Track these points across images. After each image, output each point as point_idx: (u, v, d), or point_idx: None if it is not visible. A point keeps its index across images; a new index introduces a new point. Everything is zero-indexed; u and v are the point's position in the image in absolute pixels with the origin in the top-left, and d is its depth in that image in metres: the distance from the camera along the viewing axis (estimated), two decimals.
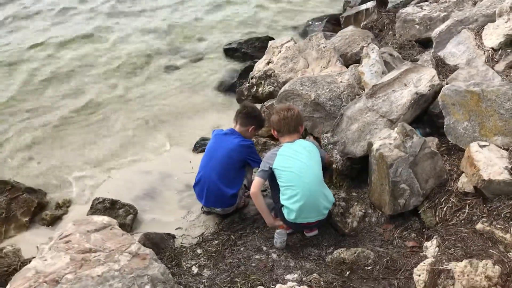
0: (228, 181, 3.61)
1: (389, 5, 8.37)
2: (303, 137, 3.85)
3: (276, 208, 3.40)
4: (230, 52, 7.39)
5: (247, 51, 7.28)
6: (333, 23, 8.21)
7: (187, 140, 5.27)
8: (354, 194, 3.69)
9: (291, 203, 3.17)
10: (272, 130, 3.44)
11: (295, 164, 3.17)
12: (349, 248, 3.14)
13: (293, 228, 3.39)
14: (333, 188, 3.80)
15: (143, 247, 2.75)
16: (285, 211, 3.24)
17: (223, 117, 5.77)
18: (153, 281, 2.58)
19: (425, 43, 5.68)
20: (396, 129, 3.23)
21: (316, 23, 8.58)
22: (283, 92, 4.30)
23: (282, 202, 3.23)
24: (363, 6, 7.71)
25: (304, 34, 8.03)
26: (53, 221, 4.00)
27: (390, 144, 3.19)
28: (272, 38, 7.56)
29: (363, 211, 3.50)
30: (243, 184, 3.73)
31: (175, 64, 7.17)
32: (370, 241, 3.31)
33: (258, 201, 3.28)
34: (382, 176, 3.25)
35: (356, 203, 3.56)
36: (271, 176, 3.28)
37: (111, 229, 2.83)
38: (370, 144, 3.38)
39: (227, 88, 6.36)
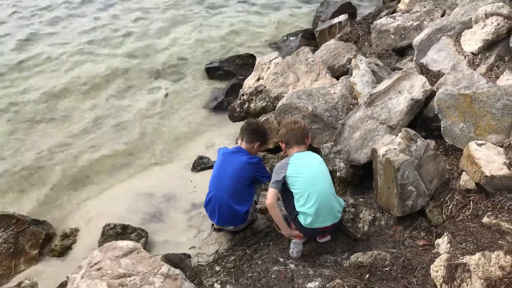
0: (240, 199, 3.65)
1: (358, 17, 8.71)
2: None
3: (291, 217, 3.47)
4: (212, 71, 7.49)
5: (229, 69, 7.41)
6: (308, 38, 8.44)
7: (184, 160, 5.30)
8: (361, 199, 3.81)
9: (307, 208, 3.26)
10: (280, 142, 3.55)
11: (308, 170, 3.29)
12: (366, 252, 3.23)
13: (309, 234, 3.47)
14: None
15: (172, 268, 2.79)
16: (301, 218, 3.32)
17: (216, 135, 5.86)
18: None
19: (401, 52, 5.94)
20: (400, 134, 3.38)
21: (291, 38, 8.81)
22: (281, 106, 4.41)
23: (297, 209, 3.31)
24: (336, 20, 7.98)
25: (279, 49, 8.24)
26: (63, 252, 3.95)
27: (395, 149, 3.34)
28: (253, 56, 7.73)
29: (372, 215, 3.61)
30: (254, 201, 3.78)
31: (159, 86, 7.21)
32: (382, 244, 3.42)
33: (275, 212, 3.36)
34: (389, 180, 3.39)
35: (364, 208, 3.67)
36: (282, 186, 3.36)
37: (138, 252, 2.85)
38: (374, 151, 3.52)
39: (215, 106, 6.45)
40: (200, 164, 5.12)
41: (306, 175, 3.27)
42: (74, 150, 5.54)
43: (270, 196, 3.32)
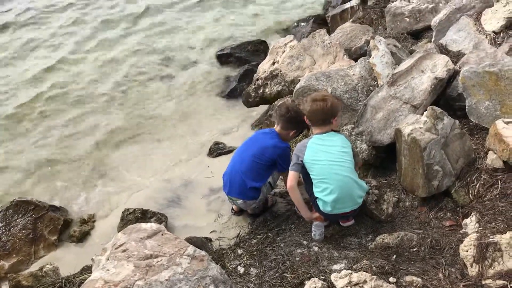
0: (254, 176, 3.63)
1: (370, 2, 8.59)
2: None
3: (311, 201, 3.42)
4: (224, 58, 7.43)
5: (240, 55, 7.34)
6: (319, 23, 8.33)
7: (199, 146, 5.31)
8: (384, 181, 3.75)
9: (324, 196, 3.19)
10: (305, 117, 3.45)
11: (325, 156, 3.20)
12: (392, 233, 3.18)
13: (329, 218, 3.41)
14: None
15: (198, 249, 2.73)
16: (320, 203, 3.26)
17: (230, 121, 5.86)
18: (214, 282, 2.56)
19: (417, 35, 5.83)
20: (426, 112, 3.31)
21: (303, 24, 8.70)
22: (300, 89, 4.35)
23: (316, 194, 3.25)
24: (347, 5, 7.86)
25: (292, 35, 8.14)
26: (82, 237, 3.95)
27: (421, 128, 3.27)
28: (264, 42, 7.65)
29: (396, 196, 3.55)
30: (268, 182, 3.73)
31: (170, 74, 7.18)
32: (408, 225, 3.36)
33: (295, 195, 3.30)
34: (414, 160, 3.32)
35: (388, 189, 3.60)
36: (303, 169, 3.30)
37: (162, 234, 2.80)
38: (398, 131, 3.45)
39: (228, 92, 6.42)
40: (217, 150, 5.10)
41: (324, 161, 3.19)
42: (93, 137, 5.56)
43: (290, 178, 3.26)
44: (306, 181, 3.42)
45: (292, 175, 3.28)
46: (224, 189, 3.80)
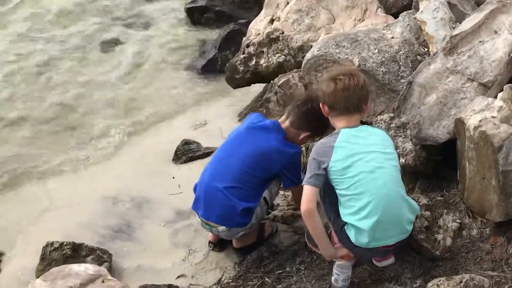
0: (243, 191, 3.59)
1: None
2: None
3: (334, 228, 3.39)
4: (197, 13, 7.41)
5: (223, 9, 7.33)
6: None
7: (161, 146, 5.30)
8: (439, 198, 3.74)
9: (359, 220, 3.15)
10: (321, 104, 3.39)
11: (363, 160, 3.14)
12: (451, 277, 3.16)
13: (361, 255, 3.39)
14: None
15: None
16: (350, 232, 3.22)
17: (208, 109, 5.88)
18: None
19: None
20: (501, 94, 3.29)
21: None
22: (312, 59, 4.31)
23: (345, 219, 3.21)
24: None
25: None
26: None
27: (494, 117, 3.26)
28: None
29: (458, 221, 3.54)
30: (263, 198, 3.71)
31: (116, 38, 7.18)
32: (475, 264, 3.35)
33: (314, 223, 3.21)
34: (484, 166, 3.31)
35: (445, 211, 3.59)
36: (326, 182, 3.27)
37: (103, 281, 2.83)
38: (460, 122, 3.44)
39: (204, 65, 6.45)
40: (186, 153, 5.08)
41: (360, 169, 3.14)
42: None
43: (306, 198, 3.16)
44: (326, 198, 3.40)
45: (310, 193, 3.20)
46: (196, 208, 3.75)
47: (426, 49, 4.30)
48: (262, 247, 3.84)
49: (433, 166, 3.94)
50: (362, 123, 3.38)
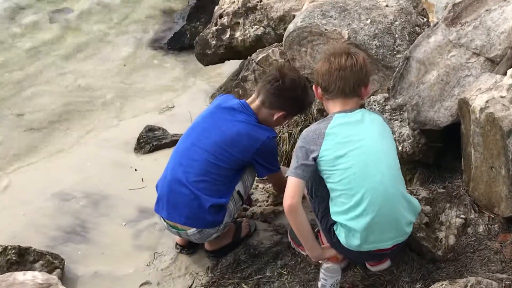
0: (212, 185, 3.57)
1: None
2: None
3: (322, 227, 3.39)
4: None
5: None
6: None
7: (121, 134, 5.29)
8: (441, 190, 3.75)
9: (351, 219, 3.13)
10: (314, 85, 3.37)
11: (358, 150, 3.15)
12: (454, 280, 3.17)
13: (353, 258, 3.40)
14: None
15: None
16: (340, 233, 3.21)
17: (175, 90, 5.86)
18: None
19: None
20: (510, 71, 3.29)
21: None
22: (294, 32, 4.30)
23: (335, 217, 3.20)
24: None
25: None
26: None
27: (502, 97, 3.25)
28: None
29: (462, 217, 3.55)
30: (236, 192, 3.70)
31: (65, 7, 7.13)
32: (482, 265, 3.35)
33: (298, 219, 3.20)
34: (492, 154, 3.31)
35: (448, 204, 3.60)
36: (314, 175, 3.26)
37: None
38: (464, 103, 3.44)
39: (170, 39, 6.44)
40: (150, 141, 5.08)
41: (354, 159, 3.12)
42: None
43: (291, 191, 3.14)
44: (314, 194, 3.41)
45: (296, 185, 3.16)
46: (159, 210, 3.72)
47: (425, 19, 4.30)
48: (238, 249, 3.83)
49: (434, 154, 3.95)
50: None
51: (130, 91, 5.94)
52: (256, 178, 3.94)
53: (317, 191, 3.34)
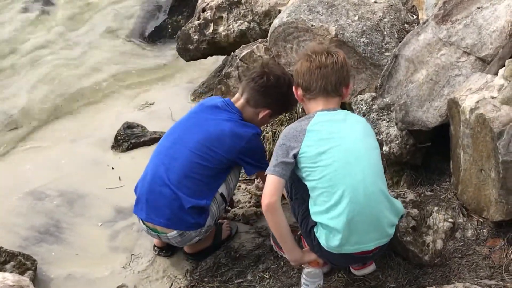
0: (195, 186, 3.58)
1: None
2: None
3: (302, 230, 3.39)
4: None
5: None
6: None
7: (98, 131, 5.31)
8: (429, 193, 3.76)
9: (331, 218, 3.14)
10: (294, 87, 3.40)
11: (340, 147, 3.16)
12: (441, 286, 3.17)
13: (336, 262, 3.40)
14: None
15: None
16: (321, 234, 3.20)
17: (155, 86, 5.87)
18: None
19: None
20: (502, 71, 3.30)
21: None
22: (280, 27, 4.31)
23: (315, 217, 3.20)
24: None
25: None
26: None
27: (493, 98, 3.26)
28: None
29: (450, 220, 3.55)
30: (219, 194, 3.70)
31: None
32: (470, 271, 3.37)
33: (276, 219, 3.20)
34: (482, 156, 3.32)
35: (436, 208, 3.61)
36: (293, 174, 3.26)
37: None
38: (453, 103, 3.45)
39: (151, 33, 6.47)
40: (128, 138, 5.09)
41: (335, 156, 3.14)
42: None
43: (269, 190, 3.15)
44: (293, 193, 3.42)
45: (274, 184, 3.17)
46: (138, 211, 3.71)
47: (414, 17, 4.31)
48: (219, 251, 3.85)
49: (422, 155, 3.96)
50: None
51: (108, 86, 5.95)
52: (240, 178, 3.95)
53: (297, 193, 3.35)
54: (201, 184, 3.57)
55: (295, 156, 3.15)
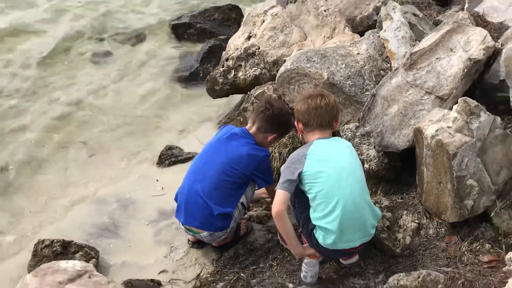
0: (222, 197, 3.62)
1: None
2: None
3: (304, 231, 3.42)
4: (181, 30, 7.43)
5: (204, 26, 7.35)
6: None
7: (146, 152, 5.32)
8: (400, 200, 3.77)
9: (328, 222, 3.18)
10: (296, 122, 3.47)
11: (333, 166, 3.20)
12: (410, 272, 3.18)
13: (329, 255, 3.42)
14: None
15: None
16: (319, 234, 3.25)
17: (190, 117, 5.89)
18: None
19: (445, 0, 5.92)
20: (456, 106, 3.32)
21: None
22: (285, 73, 4.35)
23: (314, 221, 3.25)
24: None
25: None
26: None
27: (449, 127, 3.29)
28: (237, 8, 7.64)
29: (416, 221, 3.57)
30: (240, 203, 3.73)
31: (106, 49, 7.14)
32: (432, 260, 3.38)
33: (283, 225, 3.28)
34: (441, 172, 3.34)
35: (405, 212, 3.62)
36: (296, 189, 3.29)
37: (90, 277, 2.81)
38: (418, 131, 3.47)
39: (187, 77, 6.48)
40: (169, 157, 5.09)
41: (330, 174, 3.19)
42: None
43: (278, 201, 3.21)
44: (297, 203, 3.44)
45: (282, 196, 3.23)
46: (178, 216, 3.77)
47: (388, 65, 4.34)
48: (238, 245, 3.88)
49: (394, 171, 3.98)
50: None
51: (153, 116, 6.01)
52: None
53: (299, 203, 3.39)
54: (226, 195, 3.63)
55: (299, 174, 3.21)
